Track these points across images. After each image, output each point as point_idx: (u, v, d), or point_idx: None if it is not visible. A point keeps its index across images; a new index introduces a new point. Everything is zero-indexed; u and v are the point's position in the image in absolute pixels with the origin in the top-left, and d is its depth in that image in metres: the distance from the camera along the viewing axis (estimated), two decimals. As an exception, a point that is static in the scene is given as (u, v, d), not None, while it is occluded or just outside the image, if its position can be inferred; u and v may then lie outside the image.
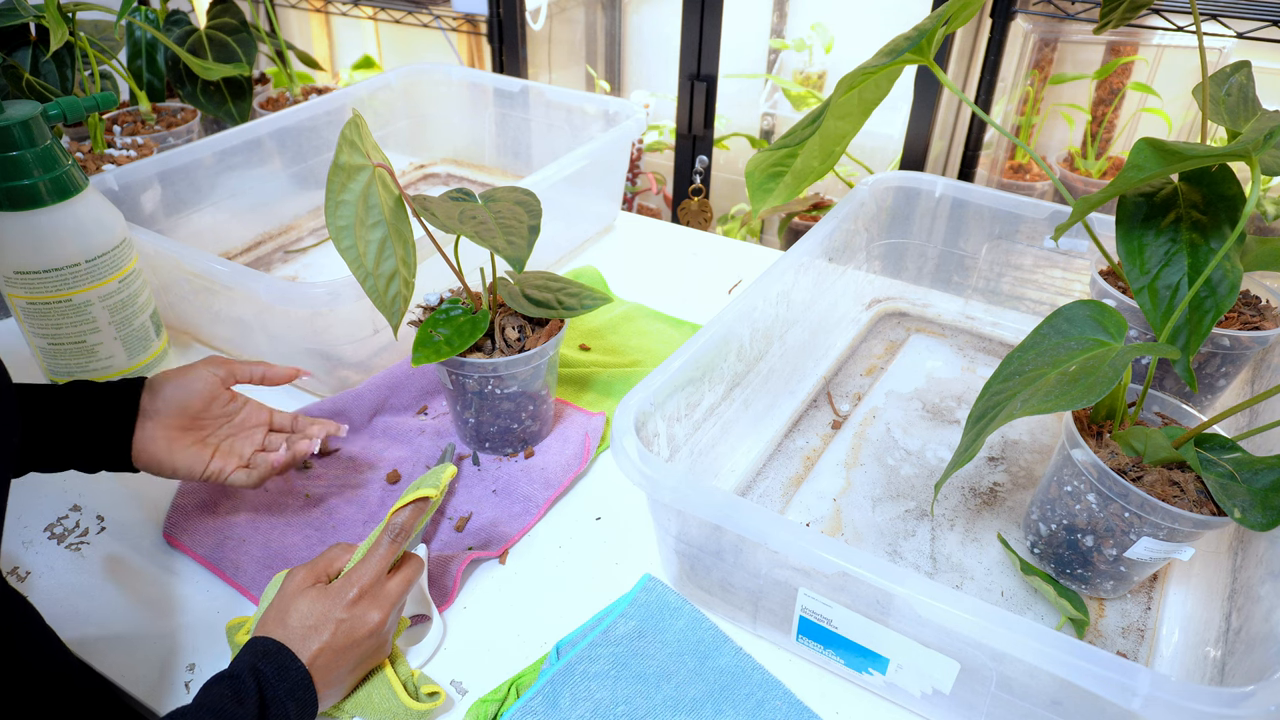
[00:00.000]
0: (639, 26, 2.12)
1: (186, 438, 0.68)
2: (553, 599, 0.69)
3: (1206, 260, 0.62)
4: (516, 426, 0.80)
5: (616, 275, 1.12)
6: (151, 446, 0.66)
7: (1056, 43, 1.62)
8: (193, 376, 0.69)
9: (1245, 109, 0.72)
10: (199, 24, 1.38)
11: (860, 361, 0.97)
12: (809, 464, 0.82)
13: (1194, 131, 1.56)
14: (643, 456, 0.59)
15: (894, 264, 1.05)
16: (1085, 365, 0.57)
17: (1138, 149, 0.56)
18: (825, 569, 0.54)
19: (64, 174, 0.78)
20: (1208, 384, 0.81)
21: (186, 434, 0.68)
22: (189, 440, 0.68)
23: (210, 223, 1.10)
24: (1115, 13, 0.78)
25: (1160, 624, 0.67)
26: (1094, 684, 0.46)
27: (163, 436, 0.67)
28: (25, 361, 0.91)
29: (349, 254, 0.63)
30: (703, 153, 1.64)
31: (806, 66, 1.91)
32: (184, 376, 0.69)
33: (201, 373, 0.69)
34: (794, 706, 0.59)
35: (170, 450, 0.67)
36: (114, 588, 0.70)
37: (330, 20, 2.23)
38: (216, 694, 0.52)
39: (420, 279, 0.70)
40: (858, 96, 0.70)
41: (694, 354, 0.70)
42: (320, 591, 0.58)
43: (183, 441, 0.68)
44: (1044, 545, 0.71)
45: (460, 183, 1.37)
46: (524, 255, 0.67)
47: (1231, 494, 0.58)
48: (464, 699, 0.62)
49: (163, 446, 0.67)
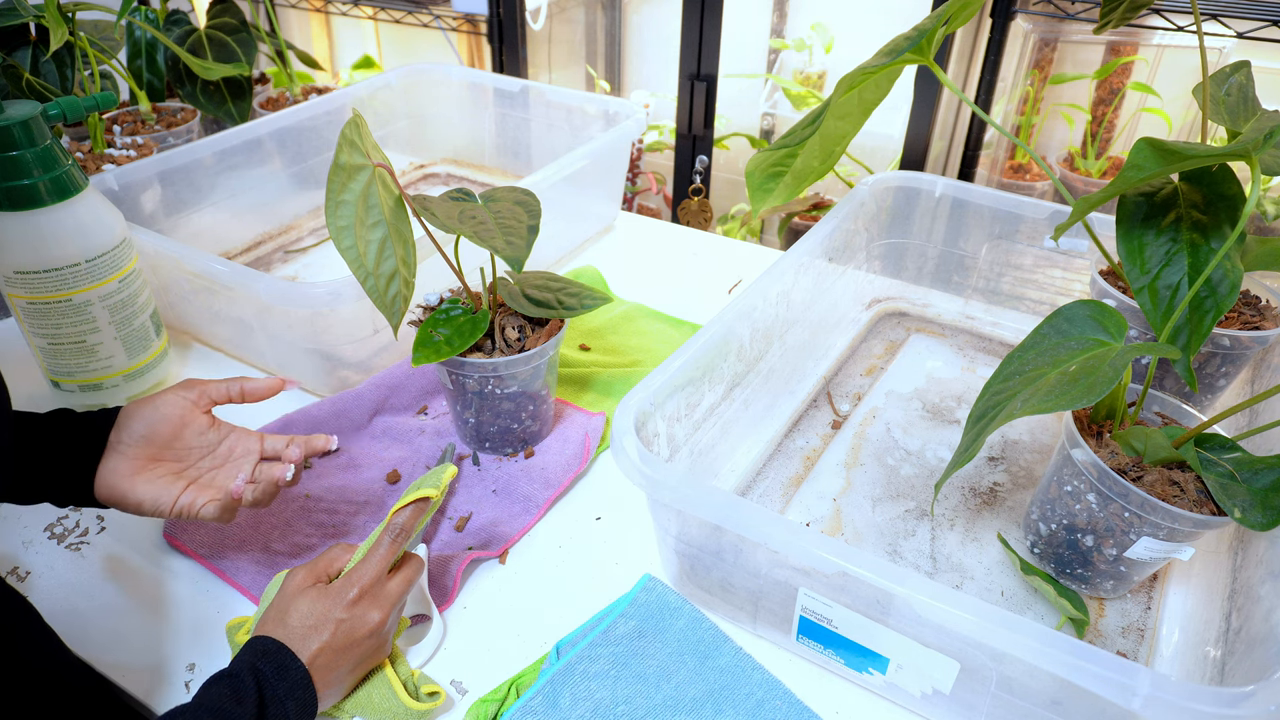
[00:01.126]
0: (639, 26, 2.12)
1: (156, 469, 0.62)
2: (553, 599, 0.69)
3: (1207, 260, 0.62)
4: (516, 426, 0.80)
5: (616, 275, 1.12)
6: (112, 479, 0.61)
7: (1056, 43, 1.62)
8: (160, 402, 0.64)
9: (1245, 109, 0.72)
10: (199, 24, 1.38)
11: (860, 361, 0.97)
12: (809, 464, 0.82)
13: (1194, 131, 1.56)
14: (643, 456, 0.59)
15: (894, 264, 1.05)
16: (1085, 365, 0.57)
17: (1137, 149, 0.56)
18: (825, 569, 0.54)
19: (64, 174, 0.78)
20: (1208, 384, 0.81)
21: (157, 464, 0.63)
22: (160, 472, 0.62)
23: (210, 223, 1.10)
24: (1115, 13, 0.78)
25: (1160, 624, 0.67)
26: (1094, 684, 0.46)
27: (126, 469, 0.61)
28: (25, 361, 0.91)
29: (349, 254, 0.63)
30: (703, 153, 1.64)
31: (806, 66, 1.91)
32: (151, 403, 0.64)
33: (169, 398, 0.64)
34: (794, 706, 0.59)
35: (133, 483, 0.61)
36: (114, 587, 0.70)
37: (330, 20, 2.23)
38: (215, 693, 0.52)
39: (420, 279, 0.70)
40: (858, 96, 0.70)
41: (694, 354, 0.70)
42: (320, 591, 0.58)
43: (151, 473, 0.62)
44: (1044, 545, 0.71)
45: (460, 183, 1.37)
46: (523, 255, 0.67)
47: (1231, 494, 0.58)
48: (464, 699, 0.62)
49: (124, 479, 0.61)
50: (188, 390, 0.65)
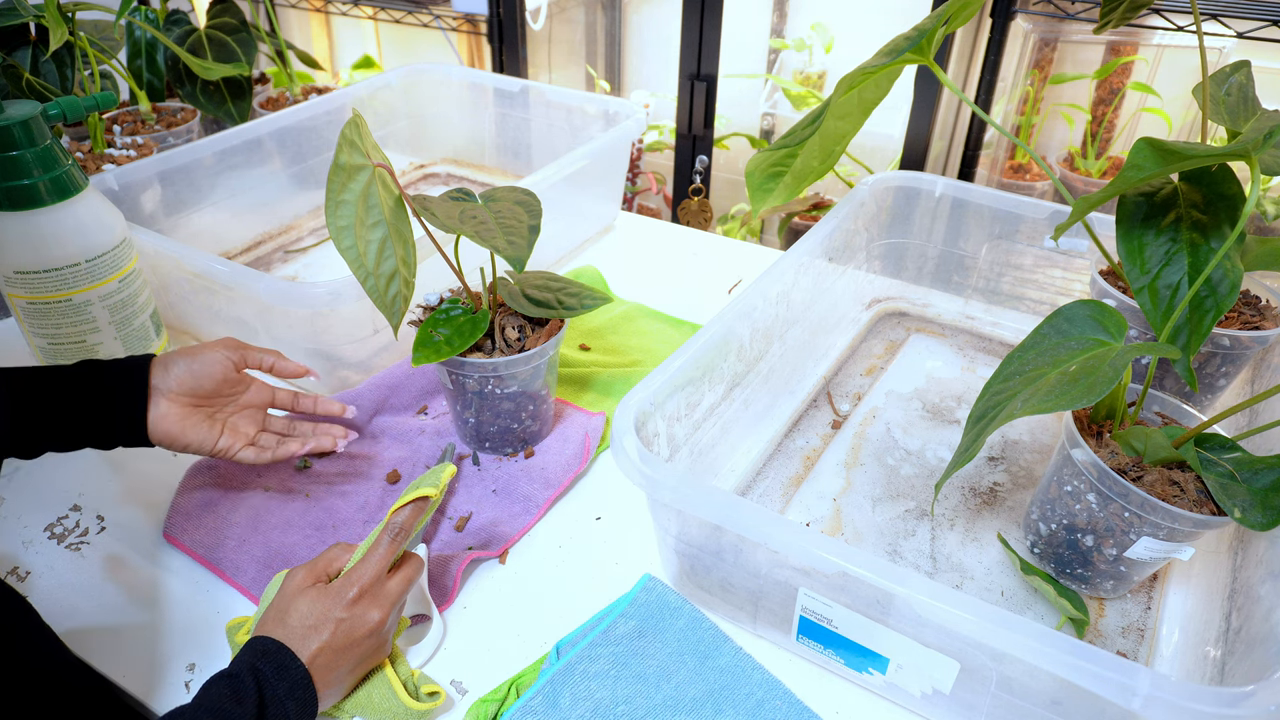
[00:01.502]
0: (639, 26, 2.12)
1: (197, 414, 0.70)
2: (553, 599, 0.69)
3: (1206, 260, 0.62)
4: (516, 426, 0.80)
5: (616, 275, 1.12)
6: (165, 424, 0.68)
7: (1056, 42, 1.62)
8: (206, 359, 0.70)
9: (1245, 109, 0.72)
10: (199, 24, 1.38)
11: (860, 361, 0.97)
12: (809, 464, 0.82)
13: (1194, 131, 1.56)
14: (643, 456, 0.59)
15: (894, 264, 1.05)
16: (1085, 365, 0.57)
17: (1137, 149, 0.56)
18: (825, 569, 0.54)
19: (64, 174, 0.78)
20: (1208, 384, 0.81)
21: (197, 410, 0.70)
22: (199, 417, 0.70)
23: (210, 223, 1.10)
24: (1115, 13, 0.78)
25: (1160, 624, 0.67)
26: (1094, 684, 0.46)
27: (175, 414, 0.69)
28: (25, 361, 0.91)
29: (349, 254, 0.63)
30: (703, 153, 1.64)
31: (806, 66, 1.91)
32: (197, 357, 0.70)
33: (215, 355, 0.71)
34: (794, 706, 0.59)
35: (183, 427, 0.69)
36: (114, 587, 0.70)
37: (330, 20, 2.23)
38: (216, 693, 0.52)
39: (420, 279, 0.70)
40: (858, 96, 0.70)
41: (694, 354, 0.70)
42: (320, 591, 0.58)
43: (194, 418, 0.70)
44: (1044, 545, 0.71)
45: (460, 183, 1.37)
46: (524, 255, 0.67)
47: (1231, 494, 0.58)
48: (464, 699, 0.62)
49: (175, 423, 0.68)
50: (230, 351, 0.72)
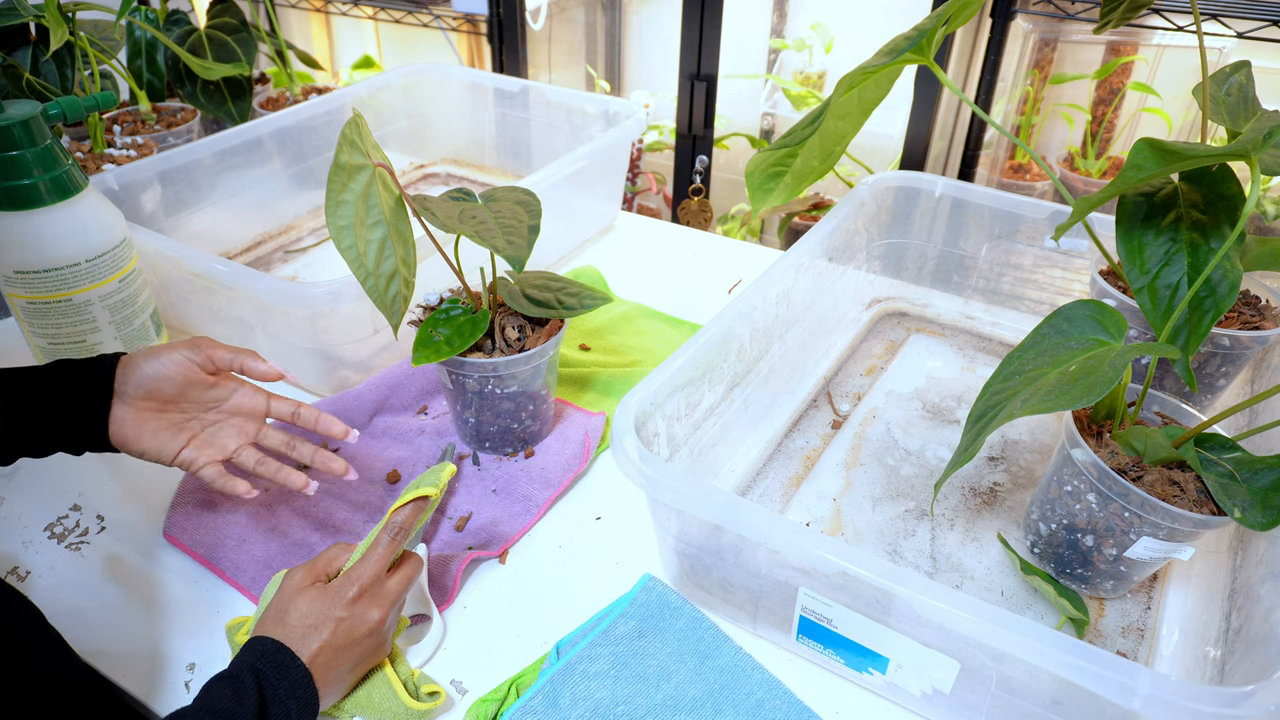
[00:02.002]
0: (639, 26, 2.12)
1: (158, 420, 0.64)
2: (553, 599, 0.69)
3: (1206, 260, 0.62)
4: (516, 426, 0.80)
5: (616, 275, 1.12)
6: (122, 428, 0.63)
7: (1056, 42, 1.62)
8: (166, 360, 0.65)
9: (1245, 109, 0.72)
10: (199, 24, 1.38)
11: (860, 361, 0.97)
12: (809, 464, 0.82)
13: (1194, 131, 1.56)
14: (643, 456, 0.59)
15: (894, 264, 1.05)
16: (1085, 365, 0.57)
17: (1137, 149, 0.56)
18: (825, 569, 0.54)
19: (64, 174, 0.78)
20: (1208, 384, 0.81)
21: (159, 416, 0.65)
22: (161, 423, 0.65)
23: (210, 223, 1.10)
24: (1115, 13, 0.78)
25: (1160, 624, 0.67)
26: (1094, 684, 0.46)
27: (132, 418, 0.64)
28: (25, 361, 0.91)
29: (349, 254, 0.63)
30: (703, 153, 1.64)
31: (806, 66, 1.91)
32: (157, 357, 0.65)
33: (176, 356, 0.65)
34: (794, 706, 0.59)
35: (139, 433, 0.64)
36: (114, 587, 0.70)
37: (330, 20, 2.23)
38: (216, 694, 0.52)
39: (420, 279, 0.70)
40: (858, 96, 0.70)
41: (694, 354, 0.70)
42: (320, 590, 0.58)
43: (153, 424, 0.64)
44: (1044, 545, 0.71)
45: (460, 183, 1.37)
46: (524, 255, 0.67)
47: (1231, 494, 0.58)
48: (464, 699, 0.62)
49: (131, 428, 0.63)
50: (193, 351, 0.66)
